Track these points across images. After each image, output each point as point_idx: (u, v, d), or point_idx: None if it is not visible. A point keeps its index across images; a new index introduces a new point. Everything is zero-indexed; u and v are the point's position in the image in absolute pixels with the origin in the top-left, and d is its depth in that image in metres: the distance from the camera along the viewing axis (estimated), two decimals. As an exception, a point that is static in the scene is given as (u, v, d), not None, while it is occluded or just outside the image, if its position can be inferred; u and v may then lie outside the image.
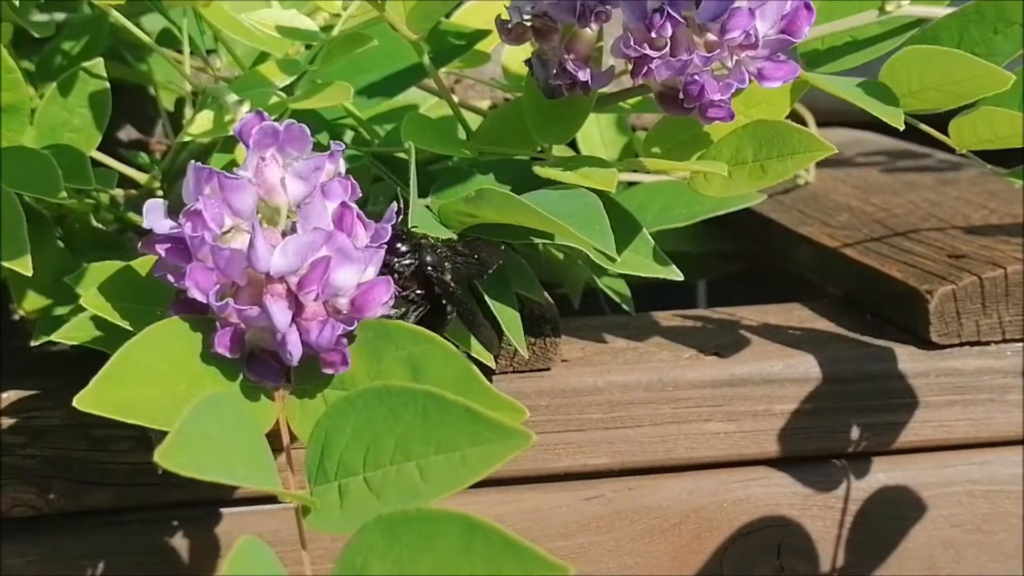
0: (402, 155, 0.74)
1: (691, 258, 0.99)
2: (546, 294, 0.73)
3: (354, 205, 0.57)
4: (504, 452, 0.51)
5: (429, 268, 0.62)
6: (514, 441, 0.51)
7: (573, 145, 0.90)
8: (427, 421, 0.52)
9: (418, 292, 0.63)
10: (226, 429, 0.53)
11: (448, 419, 0.52)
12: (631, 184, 0.88)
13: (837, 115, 1.11)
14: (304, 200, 0.57)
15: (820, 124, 1.09)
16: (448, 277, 0.63)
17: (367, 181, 0.75)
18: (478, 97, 1.00)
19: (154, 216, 0.56)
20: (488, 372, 0.67)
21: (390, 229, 0.58)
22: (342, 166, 0.59)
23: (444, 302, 0.63)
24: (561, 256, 0.83)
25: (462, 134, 0.76)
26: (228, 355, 0.56)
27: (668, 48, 0.64)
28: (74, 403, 0.54)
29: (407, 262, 0.62)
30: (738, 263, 1.07)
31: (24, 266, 0.60)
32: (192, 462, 0.49)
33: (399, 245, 0.62)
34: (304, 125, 0.57)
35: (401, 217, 0.62)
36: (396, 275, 0.61)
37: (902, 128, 0.67)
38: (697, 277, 1.13)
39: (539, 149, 0.72)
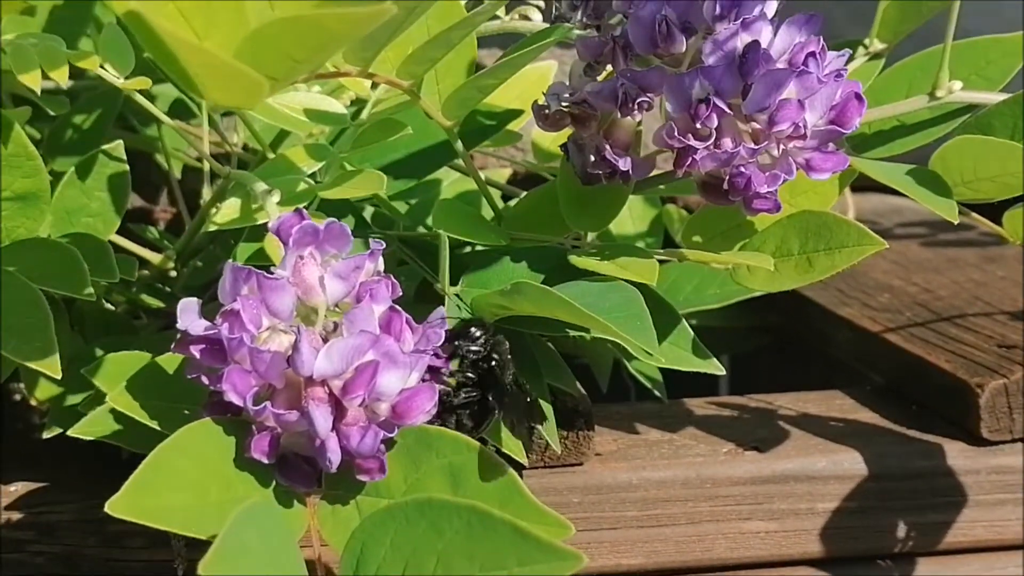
0: (428, 237, 0.77)
1: (717, 331, 1.02)
2: (579, 385, 0.75)
3: (401, 310, 0.60)
4: (553, 573, 0.53)
5: (494, 362, 0.65)
6: (564, 563, 0.53)
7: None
8: (471, 538, 0.54)
9: (469, 376, 0.65)
10: (264, 539, 0.55)
11: (494, 537, 0.54)
12: (661, 262, 0.91)
13: (872, 179, 1.13)
14: (342, 299, 0.60)
15: (855, 189, 1.11)
16: (508, 379, 0.65)
17: (392, 264, 0.77)
18: (498, 165, 1.02)
19: (188, 316, 0.59)
20: (519, 467, 0.69)
21: (441, 334, 0.61)
22: (381, 264, 0.61)
23: (491, 399, 0.65)
24: (588, 337, 0.86)
25: (487, 209, 0.79)
26: (264, 460, 0.59)
27: (713, 138, 0.66)
28: (106, 509, 0.56)
29: (477, 347, 0.65)
30: (763, 336, 1.09)
31: (53, 368, 0.62)
32: (232, 574, 0.52)
33: (473, 329, 0.65)
34: (344, 224, 0.59)
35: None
36: (460, 361, 0.64)
37: (956, 223, 0.70)
38: (722, 351, 1.15)
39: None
